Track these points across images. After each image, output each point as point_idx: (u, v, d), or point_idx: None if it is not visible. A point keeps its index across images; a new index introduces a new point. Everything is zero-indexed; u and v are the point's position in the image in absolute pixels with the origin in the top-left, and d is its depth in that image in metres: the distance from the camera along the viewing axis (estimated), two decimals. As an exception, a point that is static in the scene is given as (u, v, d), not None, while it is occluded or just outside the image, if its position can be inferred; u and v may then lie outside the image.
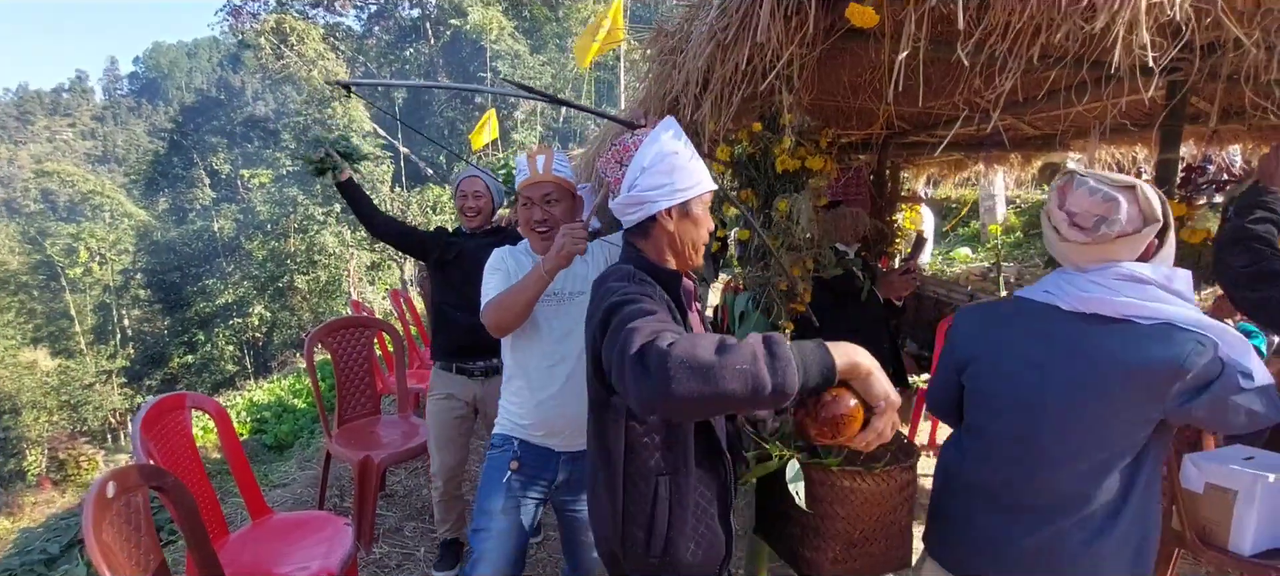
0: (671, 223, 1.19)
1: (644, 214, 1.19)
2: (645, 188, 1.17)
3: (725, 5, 1.55)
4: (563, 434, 1.70)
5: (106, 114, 57.64)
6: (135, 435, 1.79)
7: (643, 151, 1.18)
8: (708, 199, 1.24)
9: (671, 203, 1.17)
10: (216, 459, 6.32)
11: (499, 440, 1.75)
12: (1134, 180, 1.14)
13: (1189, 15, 1.34)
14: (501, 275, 1.62)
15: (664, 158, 1.16)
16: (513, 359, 1.71)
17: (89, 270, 22.08)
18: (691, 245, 1.23)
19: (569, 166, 1.72)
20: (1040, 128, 3.84)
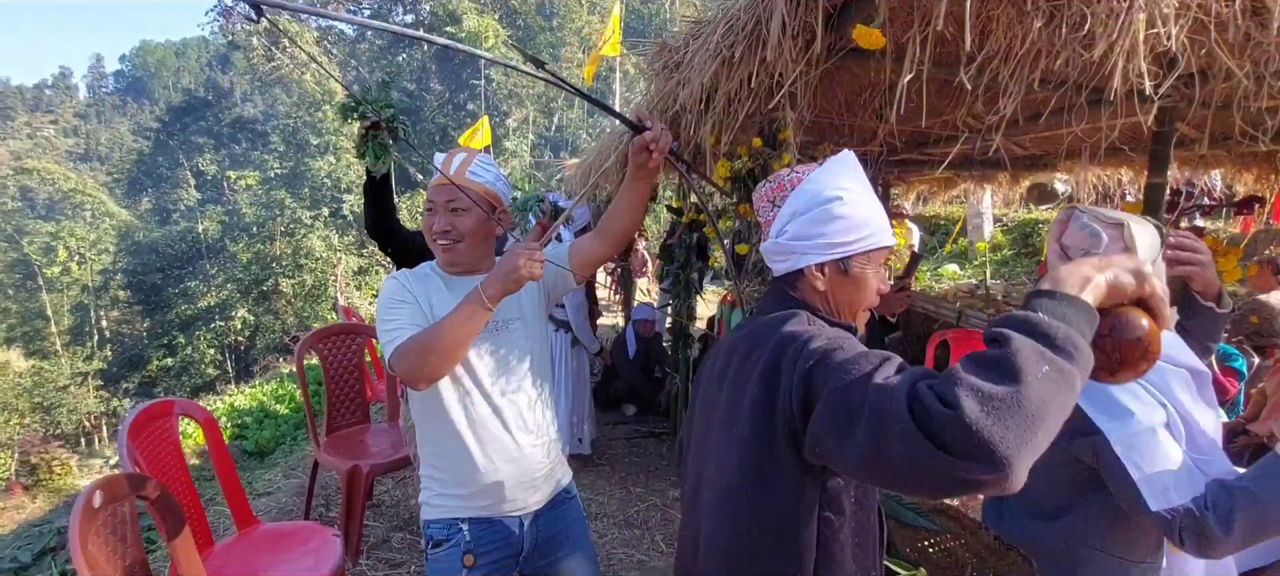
0: (822, 281, 0.98)
1: (791, 266, 1.00)
2: (794, 236, 0.98)
3: (732, 23, 1.57)
4: (525, 491, 1.39)
5: (90, 111, 56.87)
6: (122, 442, 1.75)
7: (799, 192, 0.99)
8: (880, 256, 1.00)
9: (824, 258, 0.97)
10: (196, 464, 6.20)
11: (438, 533, 1.36)
12: (1124, 217, 1.17)
13: (1184, 45, 1.37)
14: (409, 308, 1.28)
15: (821, 203, 0.96)
16: (433, 421, 1.35)
17: (67, 270, 21.68)
18: (848, 308, 1.01)
19: (496, 174, 1.43)
20: (1029, 149, 3.91)
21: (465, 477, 1.35)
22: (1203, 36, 1.40)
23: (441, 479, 1.37)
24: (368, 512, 3.13)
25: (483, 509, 1.36)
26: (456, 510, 1.36)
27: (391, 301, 1.30)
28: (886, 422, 0.68)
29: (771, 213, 1.04)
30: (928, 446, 0.63)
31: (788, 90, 1.58)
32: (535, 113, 21.03)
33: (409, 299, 1.30)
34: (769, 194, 1.05)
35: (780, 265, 1.02)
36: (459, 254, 1.36)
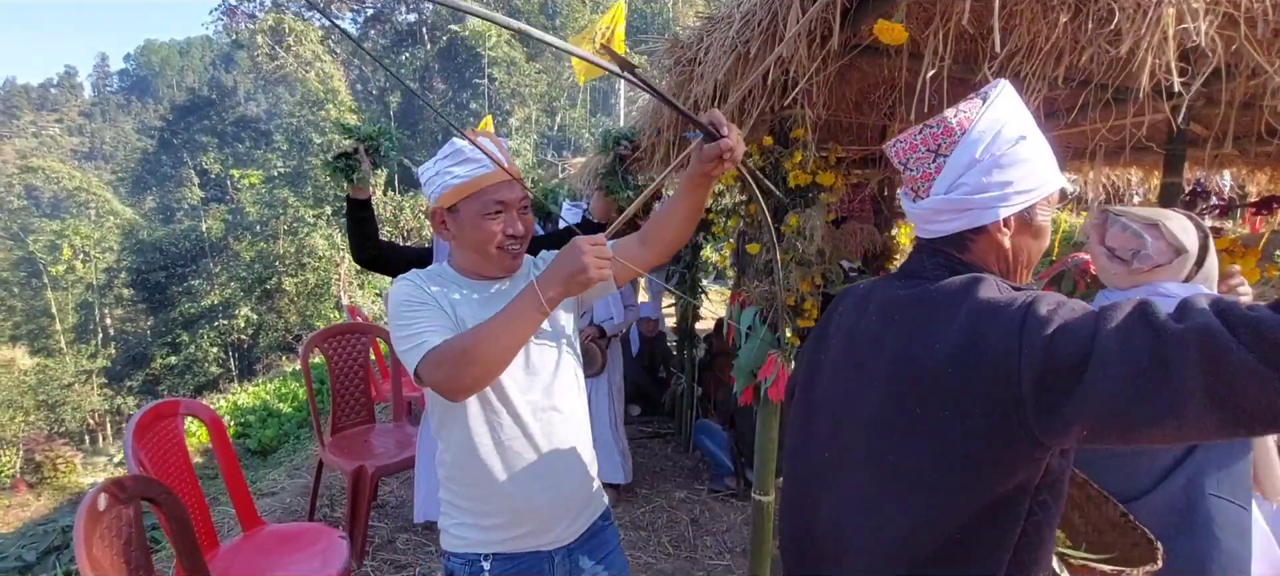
0: (1007, 236, 0.86)
1: (968, 223, 0.86)
2: (974, 188, 0.84)
3: (748, 19, 1.54)
4: (559, 521, 1.24)
5: (95, 110, 57.06)
6: (128, 444, 1.73)
7: (973, 137, 0.84)
8: (1055, 199, 0.90)
9: (1012, 210, 0.84)
10: (200, 462, 6.20)
11: (458, 568, 1.22)
12: (1158, 216, 1.20)
13: (1213, 40, 1.34)
14: (431, 310, 1.14)
15: (1008, 145, 0.83)
16: (454, 440, 1.20)
17: (72, 268, 21.73)
18: (1028, 263, 0.91)
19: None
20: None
21: (490, 506, 1.20)
22: (1233, 31, 1.37)
23: (462, 507, 1.23)
24: (373, 513, 3.11)
25: (510, 542, 1.21)
26: (479, 543, 1.21)
27: (409, 303, 1.15)
28: (1219, 360, 0.61)
29: (934, 164, 0.88)
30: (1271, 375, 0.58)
31: (803, 87, 1.55)
32: (538, 112, 21.02)
33: (428, 300, 1.16)
34: (929, 141, 0.89)
35: (950, 224, 0.88)
36: (519, 260, 1.26)
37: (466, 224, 1.20)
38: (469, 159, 1.19)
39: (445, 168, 1.20)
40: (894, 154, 0.94)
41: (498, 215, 1.20)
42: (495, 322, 1.06)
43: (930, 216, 0.90)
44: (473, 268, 1.25)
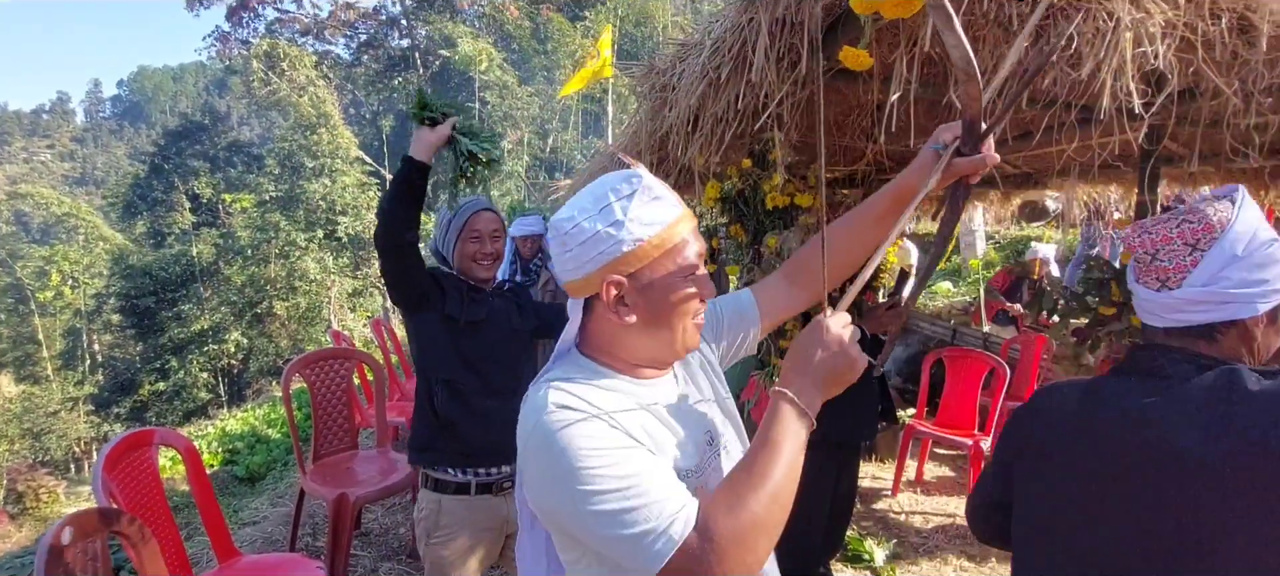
0: (1260, 329, 0.90)
1: (1226, 315, 0.89)
2: (1238, 283, 0.87)
3: (718, 45, 1.56)
4: None
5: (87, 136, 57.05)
6: (97, 475, 1.71)
7: (1233, 235, 0.88)
8: None
9: (1269, 305, 0.89)
10: (183, 492, 6.10)
11: None
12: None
13: (1172, 63, 1.37)
14: (644, 458, 0.78)
15: (1262, 245, 0.88)
16: None
17: (60, 294, 21.55)
18: (1266, 355, 0.94)
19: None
20: (1021, 166, 3.91)
21: None
22: (1191, 55, 1.40)
23: None
24: (355, 542, 3.07)
25: None
26: None
27: (606, 450, 0.76)
28: None
29: (1190, 257, 0.90)
30: None
31: (774, 111, 1.57)
32: (530, 134, 21.14)
33: (631, 442, 0.79)
34: (1186, 235, 0.91)
35: (1203, 315, 0.89)
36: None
37: (659, 295, 0.85)
38: (659, 195, 0.85)
39: (628, 211, 0.82)
40: (1141, 243, 0.95)
41: (695, 276, 0.88)
42: (777, 466, 0.77)
43: (1181, 306, 0.91)
44: (648, 359, 0.90)
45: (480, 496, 1.74)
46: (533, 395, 0.85)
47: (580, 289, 0.86)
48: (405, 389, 4.57)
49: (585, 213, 0.84)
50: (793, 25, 1.42)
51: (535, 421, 0.81)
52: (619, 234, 0.82)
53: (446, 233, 1.83)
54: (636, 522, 0.73)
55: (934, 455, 4.35)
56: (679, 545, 0.72)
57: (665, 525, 0.72)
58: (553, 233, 0.87)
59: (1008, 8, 1.32)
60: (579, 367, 0.89)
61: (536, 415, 0.81)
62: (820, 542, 2.75)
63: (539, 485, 0.81)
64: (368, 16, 25.42)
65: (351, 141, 18.49)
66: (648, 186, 0.84)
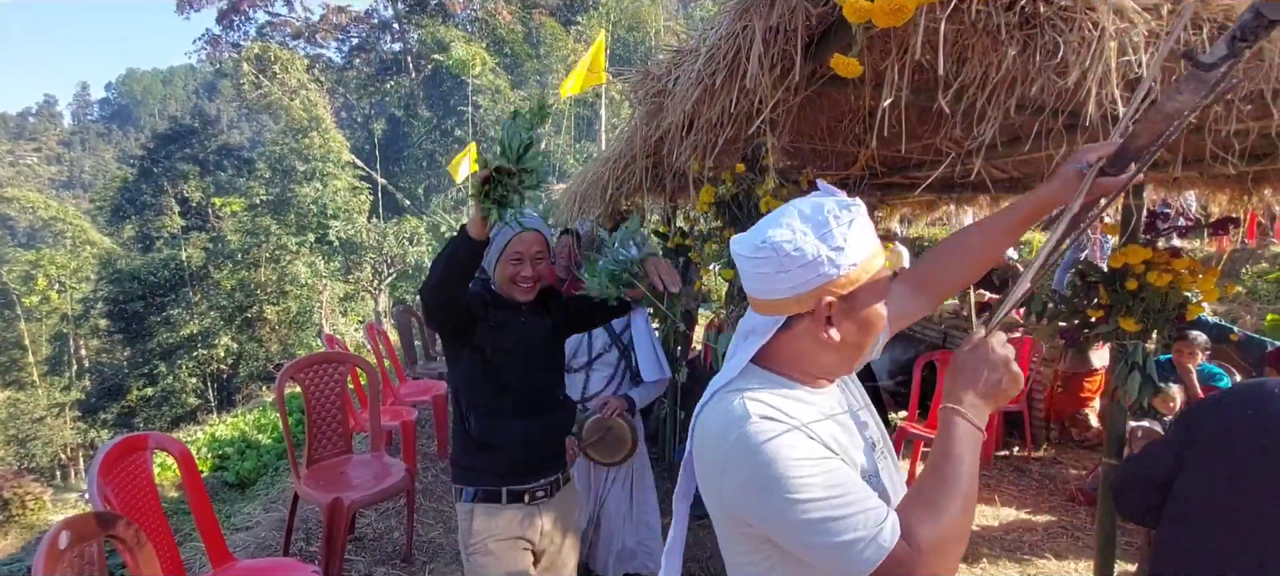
0: None
1: None
2: None
3: (713, 52, 1.59)
4: None
5: (74, 139, 56.51)
6: (92, 480, 1.70)
7: None
8: None
9: None
10: (174, 497, 6.05)
11: None
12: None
13: (1156, 72, 1.40)
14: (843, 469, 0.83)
15: None
16: None
17: (47, 298, 21.30)
18: None
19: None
20: (1010, 171, 3.97)
21: None
22: (1173, 64, 1.43)
23: None
24: (349, 547, 3.06)
25: None
26: None
27: (810, 461, 0.80)
28: None
29: None
30: None
31: (767, 117, 1.59)
32: (523, 138, 21.12)
33: (825, 451, 0.83)
34: None
35: None
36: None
37: (863, 316, 0.91)
38: (868, 223, 0.90)
39: (848, 238, 0.86)
40: None
41: (885, 299, 0.93)
42: (964, 476, 0.82)
43: None
44: (831, 372, 0.96)
45: (510, 505, 1.77)
46: (726, 405, 0.88)
47: (787, 307, 0.89)
48: (399, 393, 4.56)
49: (806, 235, 0.86)
50: (786, 33, 1.44)
51: (738, 432, 0.84)
52: (839, 259, 0.86)
53: (488, 250, 1.75)
54: (846, 531, 0.77)
55: (926, 457, 4.39)
56: (888, 552, 0.76)
57: (873, 533, 0.77)
58: (766, 253, 0.88)
59: (995, 17, 1.35)
60: (763, 380, 0.92)
61: (738, 425, 0.84)
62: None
63: (741, 491, 0.84)
64: (359, 20, 25.37)
65: (343, 145, 18.43)
66: (863, 215, 0.89)
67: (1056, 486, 4.05)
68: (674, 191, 3.43)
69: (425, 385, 4.85)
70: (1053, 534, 3.46)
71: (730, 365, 0.95)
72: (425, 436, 4.90)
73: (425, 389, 4.71)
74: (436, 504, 3.79)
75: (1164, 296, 2.18)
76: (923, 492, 0.83)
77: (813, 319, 0.89)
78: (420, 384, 4.96)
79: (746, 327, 0.97)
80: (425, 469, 4.27)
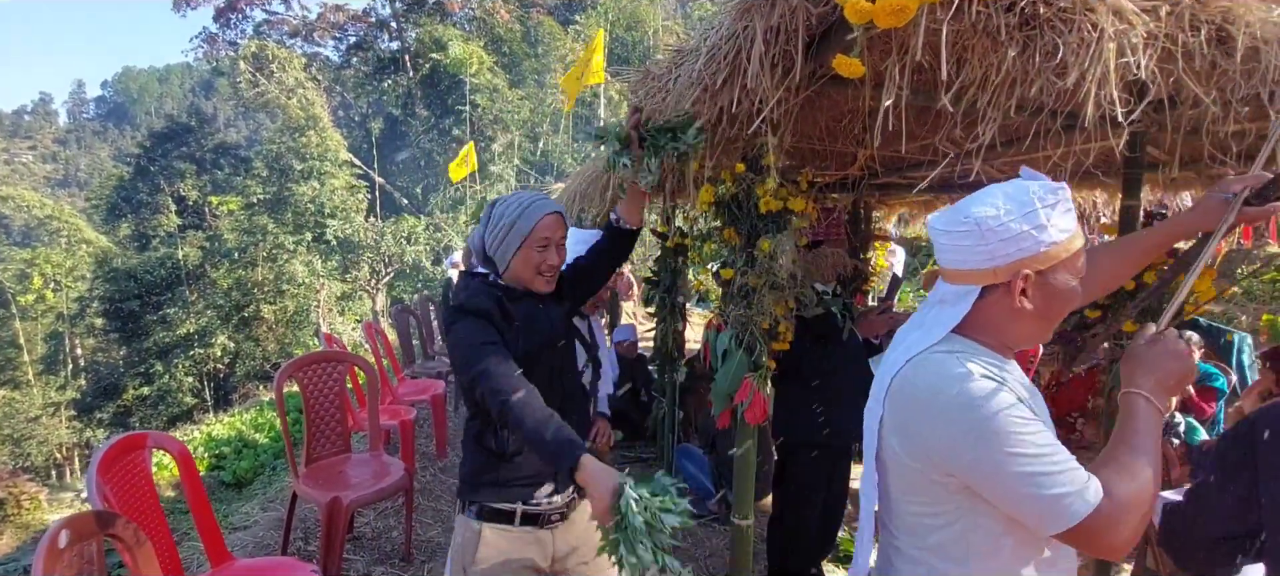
0: None
1: None
2: None
3: (713, 52, 1.59)
4: None
5: (70, 137, 56.31)
6: (91, 478, 1.70)
7: None
8: None
9: None
10: (171, 496, 6.04)
11: None
12: None
13: (1153, 73, 1.41)
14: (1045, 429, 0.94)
15: None
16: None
17: (42, 297, 21.20)
18: None
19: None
20: (1008, 172, 3.98)
21: None
22: (1171, 65, 1.44)
23: None
24: (348, 546, 3.06)
25: None
26: None
27: (1027, 417, 0.91)
28: None
29: None
30: None
31: (767, 116, 1.59)
32: (520, 138, 21.12)
33: (1028, 411, 0.93)
34: None
35: None
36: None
37: (1055, 291, 0.99)
38: (1071, 208, 0.99)
39: (1051, 218, 0.96)
40: None
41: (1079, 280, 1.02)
42: (1151, 449, 0.92)
43: None
44: (1020, 341, 1.05)
45: (523, 527, 1.59)
46: (940, 364, 0.98)
47: (982, 277, 0.99)
48: (397, 392, 4.56)
49: (1011, 213, 0.96)
50: (787, 32, 1.45)
51: (959, 388, 0.93)
52: (1040, 236, 0.95)
53: (506, 235, 1.55)
54: (1057, 485, 0.87)
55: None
56: (1094, 507, 0.86)
57: (1080, 488, 0.87)
58: (969, 226, 0.98)
59: (996, 18, 1.35)
60: (965, 345, 1.01)
61: (959, 382, 0.94)
62: (812, 543, 2.78)
63: (956, 443, 0.93)
64: (357, 19, 25.30)
65: (340, 144, 18.38)
66: (1068, 199, 0.99)
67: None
68: (673, 191, 3.44)
69: (424, 384, 4.85)
70: (1050, 533, 3.48)
71: (925, 332, 1.04)
72: (424, 435, 4.89)
73: (424, 388, 4.71)
74: (435, 503, 3.79)
75: (1161, 296, 2.19)
76: (1115, 460, 0.92)
77: (1006, 290, 0.98)
78: (419, 383, 4.96)
79: (937, 297, 1.07)
80: (424, 468, 4.27)
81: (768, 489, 3.11)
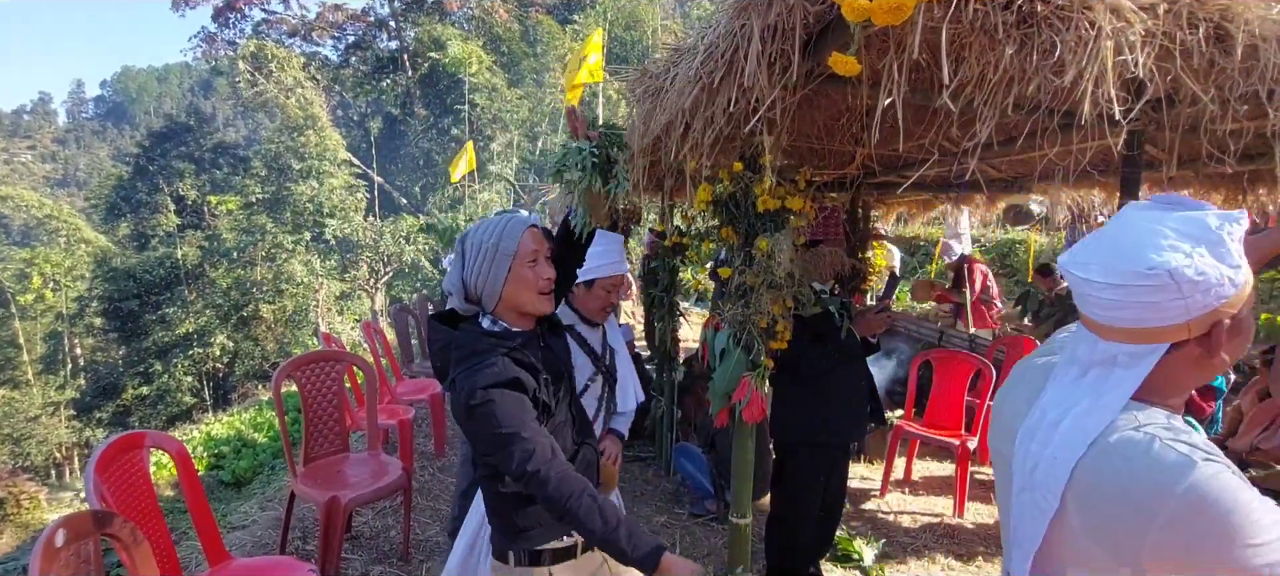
0: None
1: None
2: None
3: (711, 51, 1.59)
4: None
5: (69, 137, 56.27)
6: (89, 477, 1.70)
7: None
8: None
9: None
10: (170, 496, 6.03)
11: None
12: None
13: (1151, 71, 1.41)
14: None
15: None
16: None
17: (41, 297, 21.19)
18: None
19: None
20: (1005, 171, 3.98)
21: None
22: (1169, 63, 1.44)
23: None
24: (346, 545, 3.06)
25: None
26: None
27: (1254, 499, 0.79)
28: None
29: None
30: None
31: (764, 115, 1.59)
32: (519, 137, 21.11)
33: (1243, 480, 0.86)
34: None
35: None
36: None
37: (1241, 332, 0.87)
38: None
39: (1239, 251, 0.84)
40: None
41: None
42: None
43: None
44: (1186, 395, 0.94)
45: (586, 555, 1.51)
46: (1145, 451, 0.82)
47: (1174, 333, 0.85)
48: (396, 391, 4.56)
49: (1203, 257, 0.82)
50: (784, 31, 1.45)
51: (1186, 484, 0.78)
52: (1236, 276, 0.83)
53: (490, 263, 1.41)
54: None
55: (922, 455, 4.40)
56: None
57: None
58: (1160, 280, 0.83)
59: (993, 16, 1.35)
60: (1152, 415, 0.86)
61: (1182, 475, 0.78)
62: (810, 542, 2.78)
63: (1188, 546, 0.78)
64: (356, 18, 25.28)
65: (339, 143, 18.37)
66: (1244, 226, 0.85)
67: (1052, 484, 4.07)
68: (671, 190, 3.44)
69: (422, 384, 4.85)
70: (1048, 532, 3.48)
71: (1094, 400, 0.89)
72: (422, 435, 4.89)
73: (422, 387, 4.71)
74: (433, 502, 3.79)
75: None
76: None
77: (1203, 342, 0.85)
78: (417, 382, 4.96)
79: (1091, 357, 0.92)
80: (422, 467, 4.27)
81: (766, 488, 3.11)
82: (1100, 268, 0.87)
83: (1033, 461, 0.92)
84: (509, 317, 1.45)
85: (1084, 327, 0.94)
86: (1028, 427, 0.95)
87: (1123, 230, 0.88)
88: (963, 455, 3.62)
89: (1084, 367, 0.92)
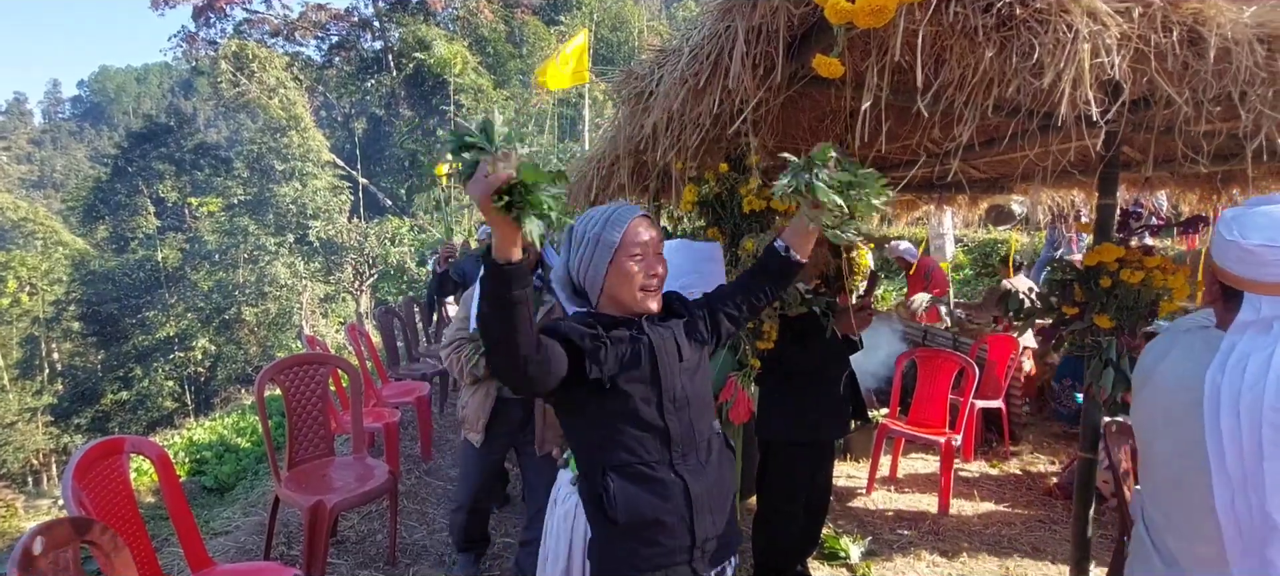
0: None
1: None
2: None
3: (696, 52, 1.60)
4: None
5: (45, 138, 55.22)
6: (67, 484, 1.67)
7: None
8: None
9: None
10: (151, 502, 5.94)
11: None
12: None
13: (1127, 73, 1.44)
14: None
15: None
16: None
17: (17, 301, 20.78)
18: None
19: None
20: (987, 172, 4.03)
21: None
22: (1144, 66, 1.47)
23: None
24: (332, 550, 3.03)
25: None
26: None
27: None
28: None
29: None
30: None
31: (749, 117, 1.60)
32: (506, 138, 21.01)
33: None
34: None
35: None
36: None
37: None
38: None
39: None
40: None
41: None
42: None
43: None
44: None
45: None
46: None
47: None
48: (381, 394, 4.52)
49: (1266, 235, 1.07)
50: (768, 33, 1.46)
51: None
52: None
53: (593, 252, 1.30)
54: None
55: (907, 452, 4.44)
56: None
57: None
58: None
59: (973, 19, 1.37)
60: None
61: None
62: (797, 541, 2.79)
63: None
64: (339, 18, 25.04)
65: (323, 144, 18.23)
66: None
67: (1034, 482, 4.12)
68: (657, 191, 3.44)
69: (408, 386, 4.81)
70: (1031, 527, 3.52)
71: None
72: (408, 438, 4.86)
73: (408, 390, 4.67)
74: (419, 506, 3.76)
75: (1136, 293, 2.23)
76: None
77: None
78: (403, 385, 4.92)
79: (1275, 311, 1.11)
80: (408, 470, 4.24)
81: (752, 487, 3.12)
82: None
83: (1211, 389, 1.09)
84: (612, 312, 1.33)
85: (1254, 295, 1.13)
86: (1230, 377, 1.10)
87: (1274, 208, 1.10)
88: (947, 452, 3.66)
89: (1267, 323, 1.12)
